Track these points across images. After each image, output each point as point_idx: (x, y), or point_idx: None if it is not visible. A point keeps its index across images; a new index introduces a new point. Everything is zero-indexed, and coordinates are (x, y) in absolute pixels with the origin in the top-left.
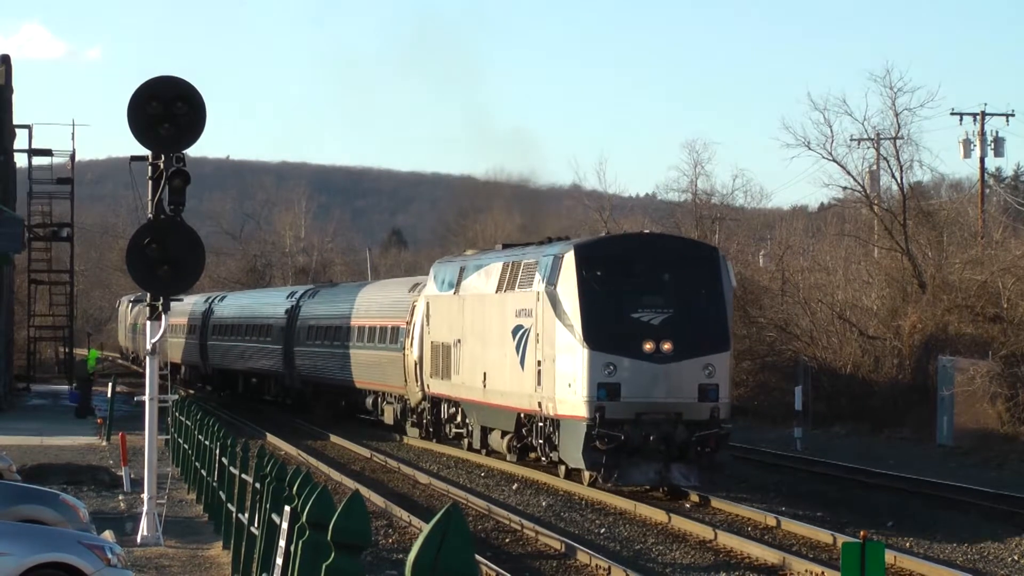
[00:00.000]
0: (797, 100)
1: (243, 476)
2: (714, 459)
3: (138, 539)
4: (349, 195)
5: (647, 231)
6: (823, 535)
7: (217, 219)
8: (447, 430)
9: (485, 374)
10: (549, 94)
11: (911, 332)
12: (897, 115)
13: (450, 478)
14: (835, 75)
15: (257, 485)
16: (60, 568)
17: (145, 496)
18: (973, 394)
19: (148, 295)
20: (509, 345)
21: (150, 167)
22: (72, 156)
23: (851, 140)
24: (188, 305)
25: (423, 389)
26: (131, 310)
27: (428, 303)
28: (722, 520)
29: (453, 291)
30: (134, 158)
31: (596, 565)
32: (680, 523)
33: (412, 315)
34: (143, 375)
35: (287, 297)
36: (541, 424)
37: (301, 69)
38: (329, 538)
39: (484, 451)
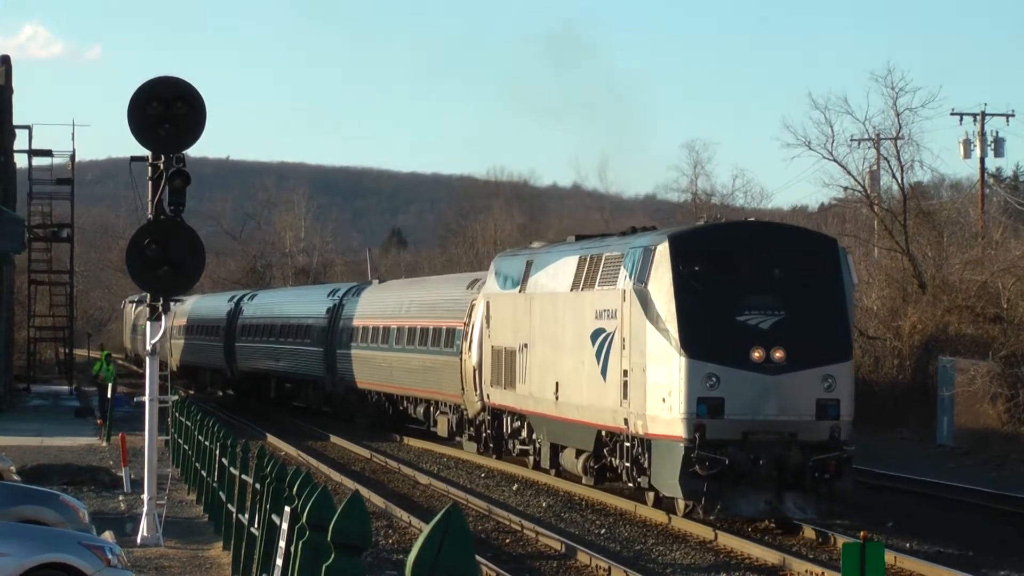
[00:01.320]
0: (798, 100)
1: (243, 477)
2: (834, 487)
3: (138, 540)
4: (349, 195)
5: (752, 219)
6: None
7: (217, 219)
8: (510, 446)
9: (557, 384)
10: (549, 93)
11: (911, 332)
12: (898, 115)
13: (450, 478)
14: (836, 75)
15: (257, 486)
16: (60, 568)
17: (145, 497)
18: (973, 394)
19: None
20: (587, 352)
21: (150, 167)
22: (72, 156)
23: (852, 140)
24: (210, 304)
25: (482, 399)
26: (135, 311)
27: (488, 302)
28: (722, 520)
29: (518, 289)
30: (134, 158)
31: (596, 565)
32: (680, 524)
33: (470, 315)
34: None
35: (328, 295)
36: (628, 444)
37: (301, 69)
38: (329, 539)
39: (553, 471)
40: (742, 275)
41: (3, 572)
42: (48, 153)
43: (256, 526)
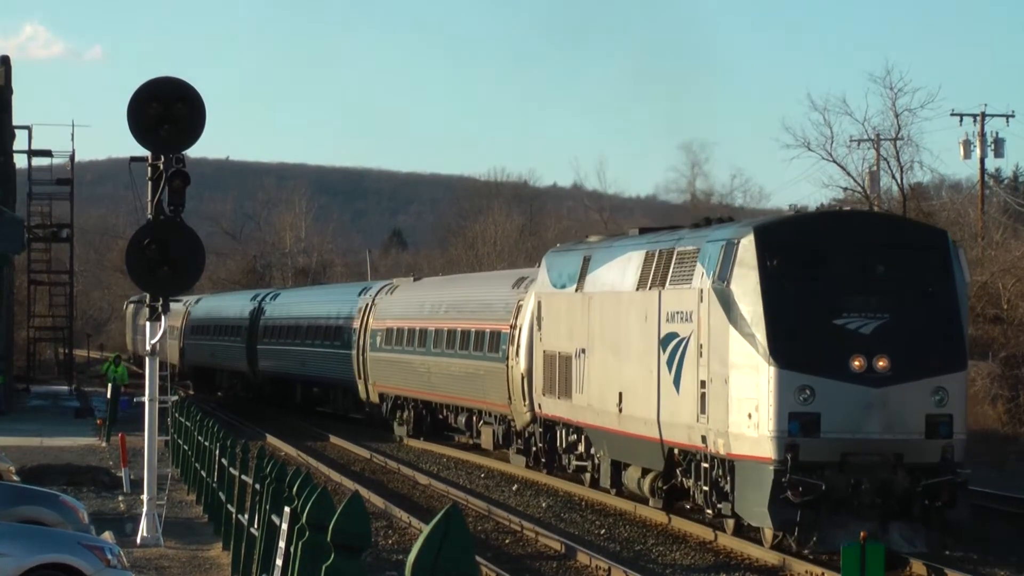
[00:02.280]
0: (797, 101)
1: (243, 477)
2: (947, 516)
3: (138, 540)
4: (349, 196)
5: (849, 208)
6: None
7: (217, 219)
8: (564, 461)
9: (621, 395)
10: (549, 93)
11: None
12: (897, 116)
13: (450, 479)
14: (835, 76)
15: (257, 486)
16: (60, 569)
17: (145, 497)
18: (974, 395)
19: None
20: (657, 359)
21: (150, 168)
22: (72, 157)
23: (851, 141)
24: (228, 304)
25: (532, 409)
26: (137, 311)
27: (540, 302)
28: (722, 520)
29: (575, 287)
30: (134, 159)
31: (596, 566)
32: (680, 524)
33: (517, 317)
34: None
35: (359, 294)
36: (705, 466)
37: (302, 69)
38: (329, 539)
39: (614, 491)
40: (839, 272)
41: (3, 572)
42: (48, 153)
43: (256, 526)
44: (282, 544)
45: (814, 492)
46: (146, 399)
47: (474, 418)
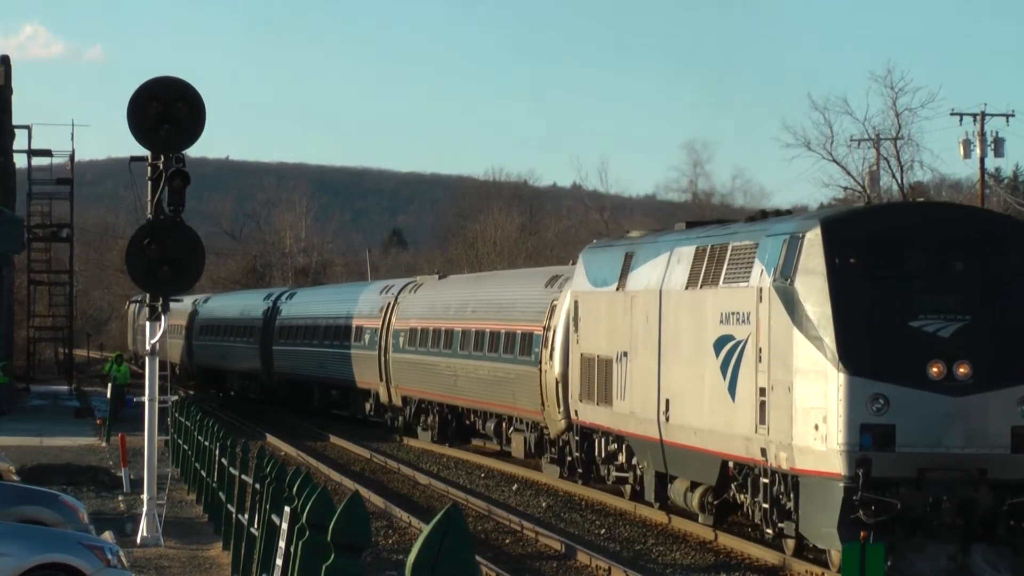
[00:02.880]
0: (797, 100)
1: (243, 477)
2: None
3: (138, 540)
4: (349, 195)
5: (923, 199)
6: None
7: (217, 219)
8: (603, 472)
9: (668, 402)
10: (549, 93)
11: None
12: (898, 115)
13: (450, 479)
14: (836, 75)
15: (257, 486)
16: (60, 569)
17: (145, 497)
18: None
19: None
20: (709, 363)
21: (150, 167)
22: (72, 156)
23: (851, 140)
24: (240, 303)
25: (568, 416)
26: (140, 311)
27: (576, 302)
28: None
29: (615, 286)
30: (134, 158)
31: (596, 566)
32: (680, 524)
33: (551, 318)
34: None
35: (380, 292)
36: (765, 481)
37: (301, 69)
38: (329, 539)
39: (658, 504)
40: (915, 269)
41: (3, 572)
42: (48, 153)
43: (256, 526)
44: (282, 544)
45: (888, 512)
46: (146, 399)
47: (503, 424)
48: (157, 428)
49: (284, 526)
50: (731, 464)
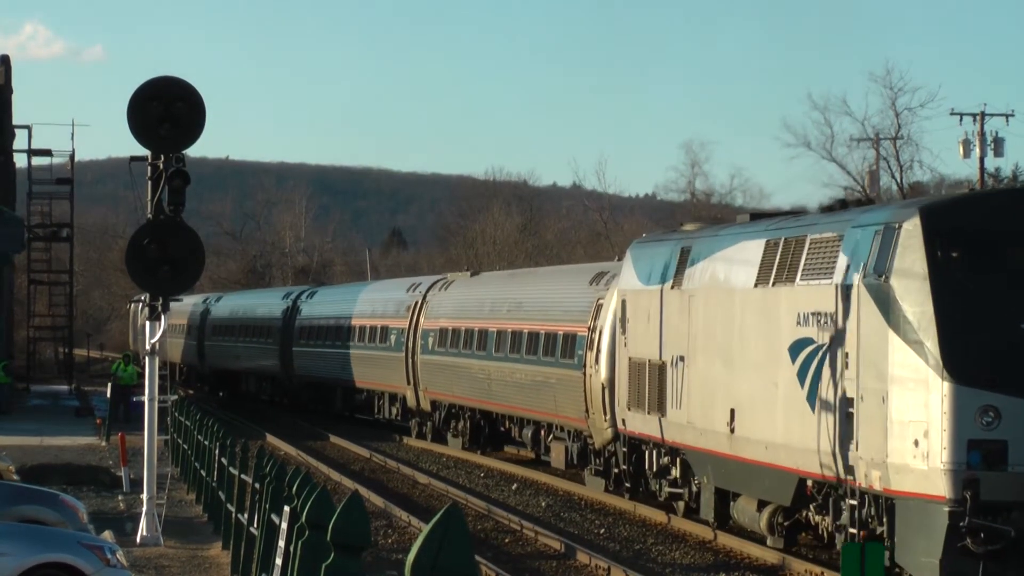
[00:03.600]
0: (797, 100)
1: (243, 476)
2: None
3: (138, 539)
4: (349, 195)
5: None
6: None
7: (217, 219)
8: (653, 486)
9: (733, 412)
10: (549, 93)
11: None
12: (897, 115)
13: (450, 478)
14: (836, 75)
15: (257, 485)
16: (60, 568)
17: (144, 496)
18: None
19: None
20: (783, 369)
21: (150, 167)
22: (72, 156)
23: (851, 140)
24: (256, 302)
25: (615, 425)
26: (141, 312)
27: (624, 301)
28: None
29: (669, 283)
30: (134, 158)
31: (596, 565)
32: (680, 523)
33: (596, 318)
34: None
35: (408, 291)
36: (853, 502)
37: (301, 69)
38: (328, 538)
39: (715, 523)
40: None
41: (3, 572)
42: (48, 153)
43: (256, 526)
44: (282, 543)
45: (1000, 540)
46: (146, 399)
47: (542, 432)
48: (157, 428)
49: (284, 526)
50: (809, 483)
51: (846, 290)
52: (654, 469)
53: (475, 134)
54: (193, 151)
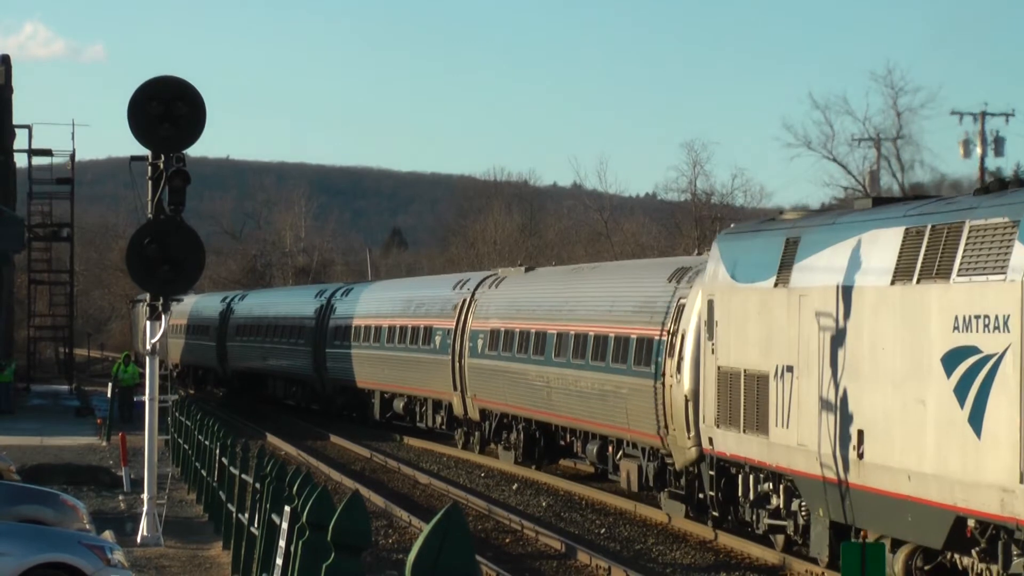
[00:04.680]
0: (798, 100)
1: (243, 476)
2: None
3: (138, 539)
4: (349, 195)
5: None
6: None
7: (217, 219)
8: (747, 515)
9: (860, 433)
10: (548, 93)
11: None
12: (898, 115)
13: (450, 478)
14: (836, 75)
15: (257, 485)
16: (60, 568)
17: (145, 496)
18: None
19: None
20: (934, 384)
21: (150, 167)
22: (72, 156)
23: (852, 140)
24: (285, 301)
25: (699, 443)
26: (147, 312)
27: (712, 301)
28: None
29: (772, 280)
30: (134, 158)
31: (596, 565)
32: (681, 523)
33: (677, 320)
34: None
35: (454, 288)
36: None
37: (301, 69)
38: (329, 538)
39: (826, 561)
40: None
41: (3, 572)
42: (48, 153)
43: (256, 526)
44: (282, 543)
45: None
46: (146, 399)
47: (609, 448)
48: (157, 427)
49: (284, 526)
50: (971, 522)
51: None
52: (750, 496)
53: (475, 134)
54: (193, 151)
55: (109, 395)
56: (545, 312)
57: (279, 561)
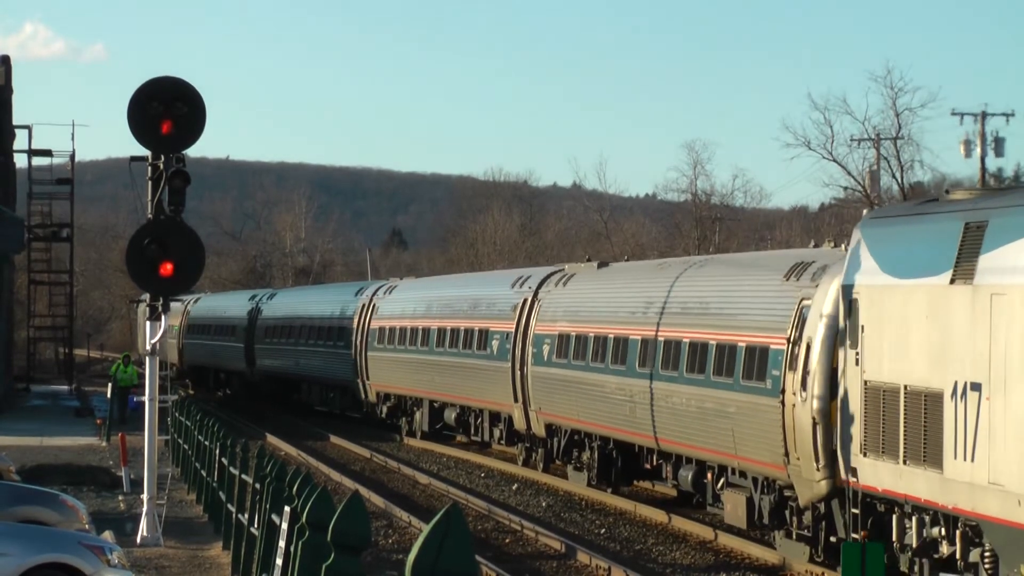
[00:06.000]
0: (798, 100)
1: (243, 476)
2: None
3: (138, 539)
4: (349, 195)
5: None
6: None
7: (217, 219)
8: (905, 565)
9: None
10: (548, 93)
11: None
12: (898, 115)
13: (450, 478)
14: (836, 75)
15: (257, 486)
16: (60, 568)
17: (145, 496)
18: None
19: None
20: None
21: (150, 167)
22: (72, 156)
23: (852, 140)
24: (321, 300)
25: (831, 474)
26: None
27: (855, 301)
28: (722, 520)
29: (946, 276)
30: (134, 158)
31: (596, 565)
32: (680, 524)
33: (800, 326)
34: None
35: (513, 286)
36: None
37: (301, 69)
38: (329, 539)
39: None
40: None
41: (3, 572)
42: (48, 153)
43: (256, 526)
44: (282, 544)
45: None
46: (146, 399)
47: (710, 475)
48: (157, 428)
49: (284, 526)
50: None
51: None
52: (914, 544)
53: (475, 134)
54: (193, 151)
55: (109, 396)
56: (627, 315)
57: (279, 561)
